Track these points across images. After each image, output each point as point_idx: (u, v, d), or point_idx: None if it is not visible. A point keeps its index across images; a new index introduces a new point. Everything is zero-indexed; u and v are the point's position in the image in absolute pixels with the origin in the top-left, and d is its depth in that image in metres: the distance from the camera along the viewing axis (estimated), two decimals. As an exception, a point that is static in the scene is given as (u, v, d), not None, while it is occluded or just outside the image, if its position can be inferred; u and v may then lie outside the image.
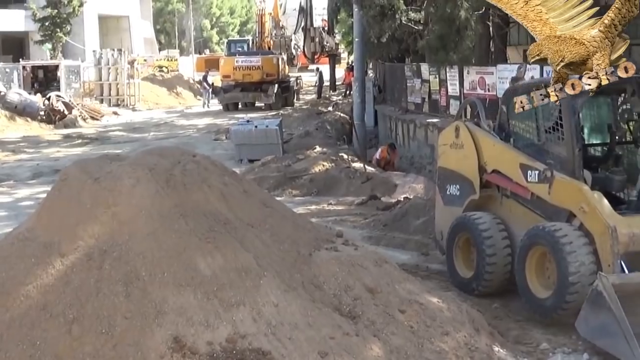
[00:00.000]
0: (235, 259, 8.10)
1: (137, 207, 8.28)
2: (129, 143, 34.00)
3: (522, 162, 11.32)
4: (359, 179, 22.14)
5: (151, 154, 9.49)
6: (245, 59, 49.28)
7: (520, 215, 11.64)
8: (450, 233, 12.38)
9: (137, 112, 50.30)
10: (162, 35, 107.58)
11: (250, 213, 9.11)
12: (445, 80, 26.06)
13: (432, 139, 25.41)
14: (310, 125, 36.52)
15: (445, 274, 12.70)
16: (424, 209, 16.13)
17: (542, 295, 10.53)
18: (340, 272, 8.77)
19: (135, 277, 7.72)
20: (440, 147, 13.16)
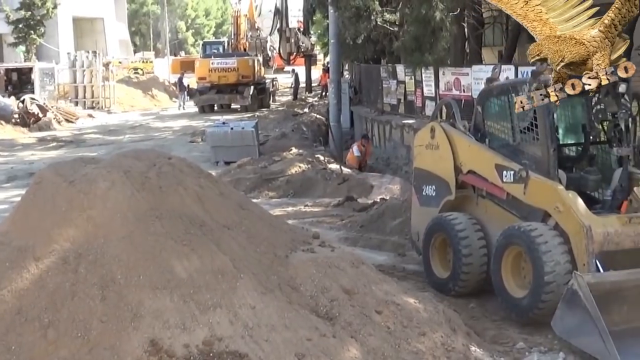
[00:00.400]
0: (211, 261, 8.09)
1: (112, 210, 8.26)
2: (104, 146, 33.86)
3: (498, 162, 11.37)
4: (335, 181, 22.15)
5: (126, 157, 9.47)
6: (221, 60, 49.20)
7: (496, 215, 11.68)
8: (426, 234, 12.41)
9: (112, 115, 50.12)
10: (137, 37, 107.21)
11: (226, 215, 9.10)
12: (421, 81, 26.11)
13: (408, 139, 25.46)
14: (286, 126, 36.53)
15: (421, 274, 12.73)
16: (400, 210, 16.16)
17: (518, 294, 10.58)
18: (317, 274, 8.77)
19: (111, 280, 7.69)
20: (416, 148, 13.19)
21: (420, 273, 12.81)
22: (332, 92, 32.56)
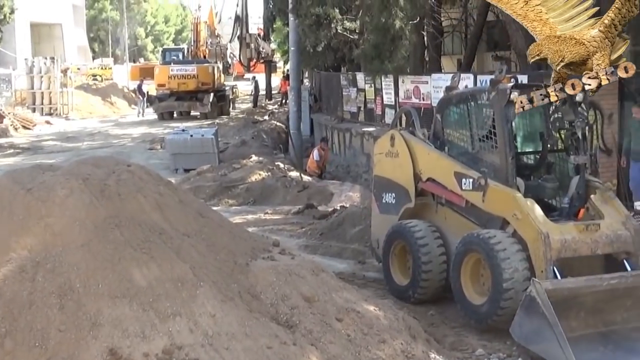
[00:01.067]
0: (171, 269, 8.06)
1: (70, 218, 8.20)
2: (62, 153, 33.61)
3: (457, 170, 11.43)
4: (295, 188, 22.17)
5: (85, 164, 9.41)
6: (181, 67, 49.06)
7: (455, 222, 11.74)
8: (386, 241, 12.44)
9: (71, 122, 49.75)
10: (96, 43, 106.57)
11: (186, 223, 9.07)
12: (381, 89, 26.23)
13: (367, 147, 25.55)
14: (246, 134, 36.49)
15: (381, 281, 12.76)
16: (360, 218, 16.20)
17: (477, 301, 10.64)
18: (277, 282, 8.76)
19: (70, 288, 7.64)
20: (376, 156, 13.23)
21: (380, 280, 12.84)
22: (292, 99, 32.62)
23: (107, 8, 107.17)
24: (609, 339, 9.70)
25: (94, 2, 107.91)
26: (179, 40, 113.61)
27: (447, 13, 29.32)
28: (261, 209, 20.34)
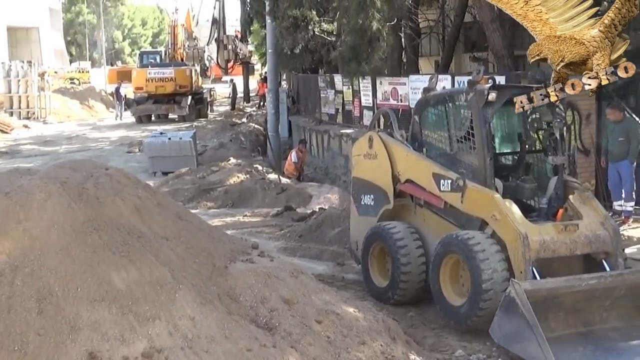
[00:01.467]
0: (150, 272, 8.03)
1: (49, 222, 8.15)
2: (40, 157, 33.45)
3: (435, 171, 11.45)
4: (274, 190, 22.16)
5: (63, 168, 9.36)
6: (158, 70, 48.92)
7: (434, 224, 11.76)
8: (365, 243, 12.44)
9: (48, 125, 49.51)
10: (73, 46, 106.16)
11: (164, 226, 9.04)
12: (359, 91, 26.24)
13: (346, 149, 25.56)
14: (224, 137, 36.45)
15: (361, 283, 12.77)
16: (339, 220, 16.20)
17: (456, 302, 10.65)
18: (256, 284, 8.75)
19: (48, 292, 7.59)
20: (354, 158, 13.23)
21: (360, 282, 12.84)
22: (270, 102, 32.62)
23: (84, 11, 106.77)
24: (588, 339, 9.75)
25: (71, 5, 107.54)
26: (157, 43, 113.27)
27: (425, 14, 29.39)
28: (240, 212, 20.32)
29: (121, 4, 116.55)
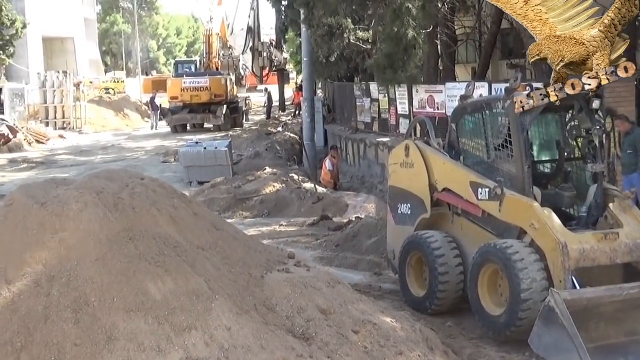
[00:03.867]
0: (186, 282, 8.06)
1: (85, 232, 8.21)
2: (75, 167, 33.73)
3: (473, 180, 11.41)
4: (310, 200, 22.17)
5: (99, 178, 9.43)
6: (193, 80, 49.16)
7: (472, 233, 11.72)
8: (402, 252, 12.42)
9: (84, 135, 49.93)
10: (108, 56, 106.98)
11: (200, 236, 9.08)
12: (395, 99, 26.22)
13: (382, 158, 25.54)
14: (260, 146, 36.53)
15: (398, 293, 12.74)
16: (375, 229, 16.18)
17: (495, 312, 10.60)
18: (292, 294, 8.75)
19: (85, 303, 7.65)
20: (391, 166, 13.22)
21: (397, 292, 12.82)
22: (306, 110, 32.66)
23: (119, 21, 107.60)
24: (630, 349, 9.66)
25: (106, 15, 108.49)
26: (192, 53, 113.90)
27: (461, 22, 29.32)
28: (276, 221, 20.35)
29: (156, 13, 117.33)
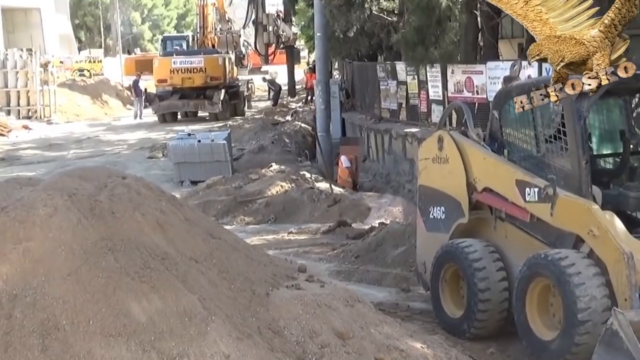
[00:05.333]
0: (176, 301, 8.09)
1: (54, 242, 8.24)
2: (43, 164, 33.82)
3: (519, 178, 11.41)
4: (324, 202, 22.19)
5: (71, 177, 9.47)
6: (185, 59, 49.23)
7: (518, 241, 11.72)
8: (435, 265, 12.44)
9: (54, 126, 50.01)
10: (82, 31, 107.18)
11: (193, 246, 9.11)
12: (426, 81, 26.22)
13: (411, 152, 25.54)
14: (264, 138, 36.58)
15: (430, 313, 12.76)
16: (403, 237, 16.20)
17: (546, 336, 10.61)
18: (303, 315, 8.78)
19: (54, 326, 7.67)
20: (421, 162, 13.23)
21: (429, 312, 12.84)
22: (320, 95, 32.62)
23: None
24: None
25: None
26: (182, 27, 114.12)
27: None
28: (284, 228, 20.39)
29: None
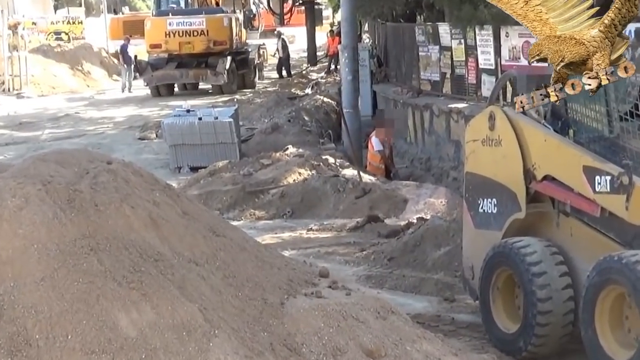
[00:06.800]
0: (172, 312, 8.12)
1: (25, 240, 8.27)
2: (12, 145, 33.94)
3: (587, 163, 11.38)
4: (351, 193, 22.16)
5: (46, 162, 9.49)
6: (183, 20, 49.13)
7: (585, 240, 11.70)
8: (485, 269, 12.43)
9: (25, 100, 50.11)
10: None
11: (193, 245, 9.13)
12: (475, 46, 26.22)
13: (456, 132, 25.56)
14: (279, 115, 36.54)
15: (479, 327, 12.78)
16: (446, 235, 16.20)
17: (620, 356, 10.60)
18: (326, 328, 8.80)
19: (25, 341, 7.71)
20: (469, 145, 13.22)
21: (477, 325, 12.86)
22: (346, 64, 32.56)
23: None
24: None
25: None
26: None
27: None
28: (302, 224, 20.41)
29: None
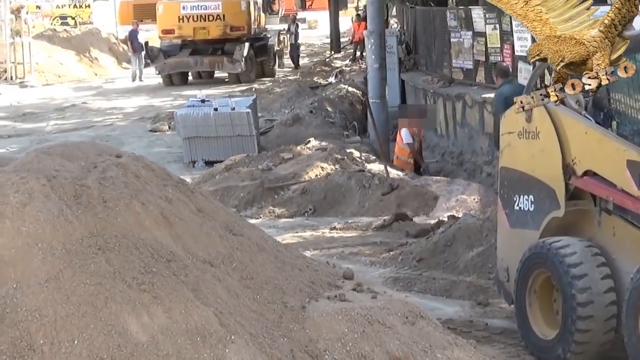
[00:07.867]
0: (185, 315, 8.13)
1: (29, 238, 8.29)
2: (15, 138, 34.03)
3: (632, 158, 11.37)
4: (378, 189, 22.17)
5: (51, 155, 9.51)
6: (198, 3, 49.15)
7: (630, 240, 11.68)
8: (521, 271, 12.42)
9: (29, 90, 50.20)
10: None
11: (208, 244, 9.15)
12: (510, 32, 26.18)
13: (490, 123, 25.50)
14: (301, 106, 36.55)
15: (514, 333, 12.78)
16: (479, 234, 16.20)
17: (668, 365, 10.60)
18: (350, 334, 8.81)
19: (28, 347, 7.73)
20: (504, 137, 13.22)
21: (513, 331, 12.85)
22: (372, 51, 32.56)
23: None
24: None
25: None
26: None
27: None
28: (325, 222, 20.43)
29: None
